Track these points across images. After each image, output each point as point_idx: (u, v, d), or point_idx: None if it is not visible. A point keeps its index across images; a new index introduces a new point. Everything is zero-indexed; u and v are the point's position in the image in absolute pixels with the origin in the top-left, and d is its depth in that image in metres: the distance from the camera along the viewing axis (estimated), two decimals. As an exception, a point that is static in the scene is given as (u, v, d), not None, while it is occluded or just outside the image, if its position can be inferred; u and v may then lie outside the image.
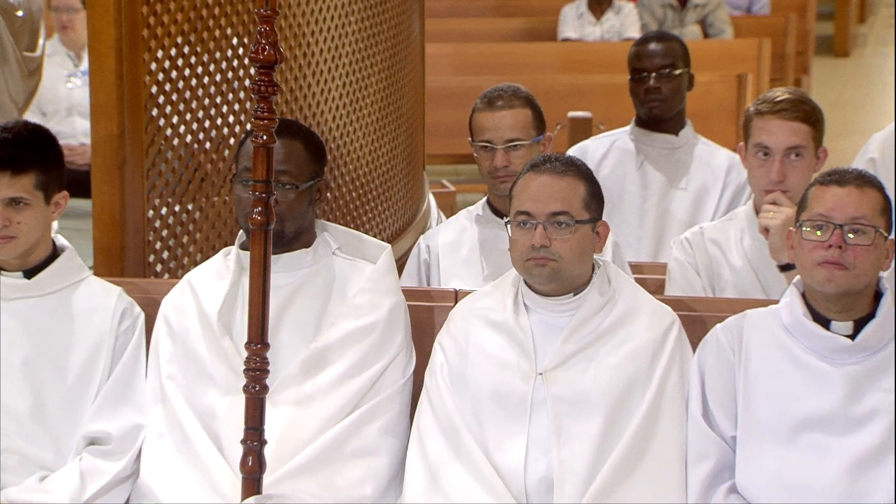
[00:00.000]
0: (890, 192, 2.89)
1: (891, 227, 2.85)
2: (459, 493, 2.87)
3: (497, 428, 2.92)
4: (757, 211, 3.37)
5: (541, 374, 2.92)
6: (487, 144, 3.56)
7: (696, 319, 3.10)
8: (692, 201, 4.20)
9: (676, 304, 3.09)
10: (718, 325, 2.94)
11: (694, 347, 2.97)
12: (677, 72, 4.17)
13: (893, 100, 9.74)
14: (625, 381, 2.90)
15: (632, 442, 2.85)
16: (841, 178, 2.83)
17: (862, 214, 2.79)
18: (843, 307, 2.81)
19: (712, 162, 4.23)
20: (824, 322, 2.82)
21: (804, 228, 2.82)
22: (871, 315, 2.82)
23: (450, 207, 5.34)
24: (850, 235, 2.77)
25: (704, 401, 2.89)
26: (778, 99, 3.32)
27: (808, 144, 3.32)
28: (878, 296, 2.85)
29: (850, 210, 2.79)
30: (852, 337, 2.80)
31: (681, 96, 4.22)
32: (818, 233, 2.79)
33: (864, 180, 2.84)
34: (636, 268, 3.73)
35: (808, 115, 3.32)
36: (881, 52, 11.74)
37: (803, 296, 2.87)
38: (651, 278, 3.62)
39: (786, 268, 3.27)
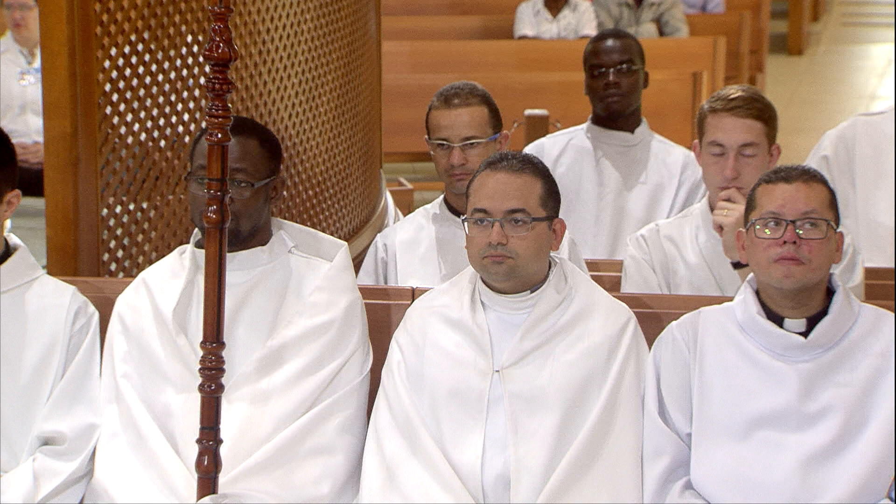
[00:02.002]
0: (839, 187, 2.92)
1: (839, 219, 2.87)
2: (416, 490, 2.87)
3: (454, 425, 2.92)
4: (712, 208, 3.39)
5: (497, 371, 2.93)
6: (444, 142, 3.56)
7: (652, 316, 3.12)
8: (648, 198, 4.22)
9: (632, 301, 3.10)
10: (674, 323, 2.95)
11: (650, 344, 2.98)
12: (635, 67, 4.19)
13: (847, 98, 9.84)
14: (581, 378, 2.91)
15: (588, 439, 2.86)
16: (787, 174, 2.86)
17: (812, 208, 2.81)
18: (797, 303, 2.83)
19: (668, 159, 4.25)
20: (778, 319, 2.84)
21: (756, 227, 2.83)
22: (823, 312, 2.84)
23: (407, 205, 5.34)
24: (803, 230, 2.79)
25: (660, 398, 2.91)
26: (731, 97, 3.34)
27: (761, 142, 3.35)
28: (830, 293, 2.87)
29: (800, 205, 2.81)
30: (805, 334, 2.82)
31: (638, 93, 4.24)
32: (769, 231, 2.81)
33: (809, 175, 2.87)
34: (592, 265, 3.74)
35: (762, 112, 3.34)
36: (834, 51, 11.85)
37: (757, 293, 2.89)
38: (607, 275, 3.64)
39: (740, 265, 3.29)
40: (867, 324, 2.85)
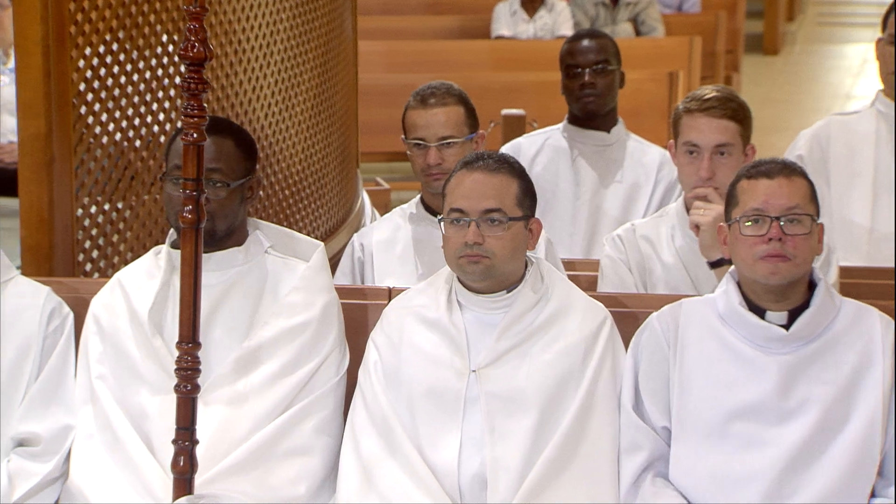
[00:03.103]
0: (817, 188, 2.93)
1: (819, 210, 2.88)
2: (393, 490, 2.87)
3: (431, 425, 2.92)
4: (688, 208, 3.40)
5: (474, 371, 2.93)
6: (420, 142, 3.56)
7: (629, 315, 3.13)
8: (624, 198, 4.22)
9: (609, 300, 3.11)
10: (654, 314, 2.95)
11: (626, 343, 2.99)
12: (611, 67, 4.20)
13: (822, 97, 9.88)
14: (557, 378, 2.92)
15: (564, 438, 2.87)
16: (768, 170, 2.86)
17: (795, 204, 2.82)
18: (780, 296, 2.84)
19: (644, 159, 4.26)
20: (759, 312, 2.85)
21: (739, 224, 2.83)
22: (805, 305, 2.84)
23: (384, 205, 5.33)
24: (787, 226, 2.79)
25: (637, 391, 2.91)
26: (706, 97, 3.35)
27: (735, 142, 3.36)
28: (811, 286, 2.87)
29: (783, 201, 2.82)
30: (787, 327, 2.83)
31: (614, 92, 4.25)
32: (753, 228, 2.81)
33: (790, 170, 2.87)
34: (569, 265, 3.74)
35: (736, 112, 3.35)
36: (810, 50, 11.90)
37: (738, 284, 2.88)
38: (584, 275, 3.64)
39: (716, 264, 3.30)
40: (848, 318, 2.85)
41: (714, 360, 2.85)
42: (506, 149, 4.33)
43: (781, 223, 2.80)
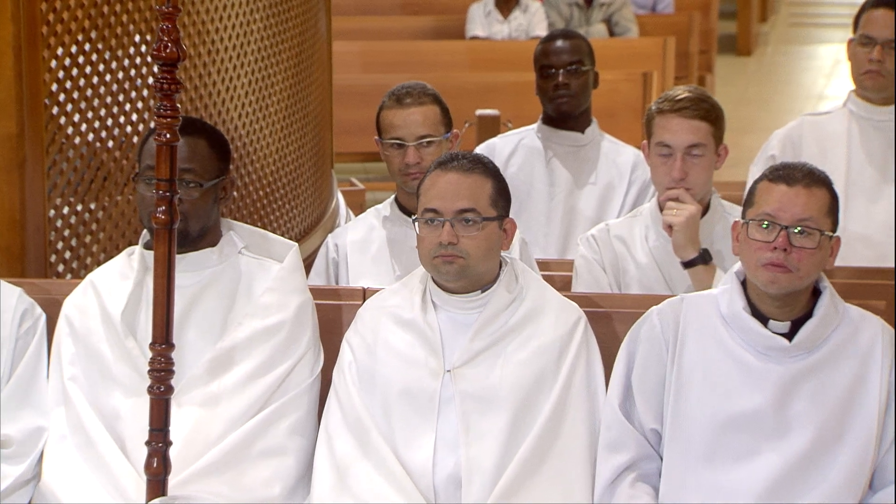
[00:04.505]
0: None
1: (836, 224, 2.81)
2: (368, 491, 2.87)
3: (405, 426, 2.92)
4: (661, 208, 3.41)
5: (449, 371, 2.93)
6: (398, 142, 3.56)
7: (603, 315, 3.13)
8: (598, 198, 4.23)
9: (583, 300, 3.11)
10: (654, 310, 2.88)
11: (600, 343, 2.99)
12: (585, 68, 4.20)
13: (795, 98, 9.93)
14: (532, 378, 2.92)
15: (538, 438, 2.87)
16: (789, 175, 2.78)
17: (809, 216, 2.75)
18: (782, 304, 2.78)
19: (618, 159, 4.26)
20: (762, 318, 2.79)
21: (750, 226, 2.77)
22: (808, 314, 2.79)
23: (359, 206, 5.33)
24: (795, 237, 2.72)
25: (628, 389, 2.86)
26: (678, 97, 3.36)
27: (708, 142, 3.36)
28: (816, 293, 2.82)
29: (797, 211, 2.74)
30: (790, 335, 2.77)
31: (588, 93, 4.25)
32: (762, 232, 2.74)
33: (812, 178, 2.79)
34: (543, 265, 3.75)
35: (708, 113, 3.36)
36: (783, 51, 11.96)
37: (743, 284, 2.83)
38: (558, 275, 3.65)
39: (689, 264, 3.31)
40: (851, 327, 2.80)
41: (713, 364, 2.79)
42: (480, 149, 4.33)
43: (791, 233, 2.73)
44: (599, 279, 3.46)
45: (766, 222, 2.76)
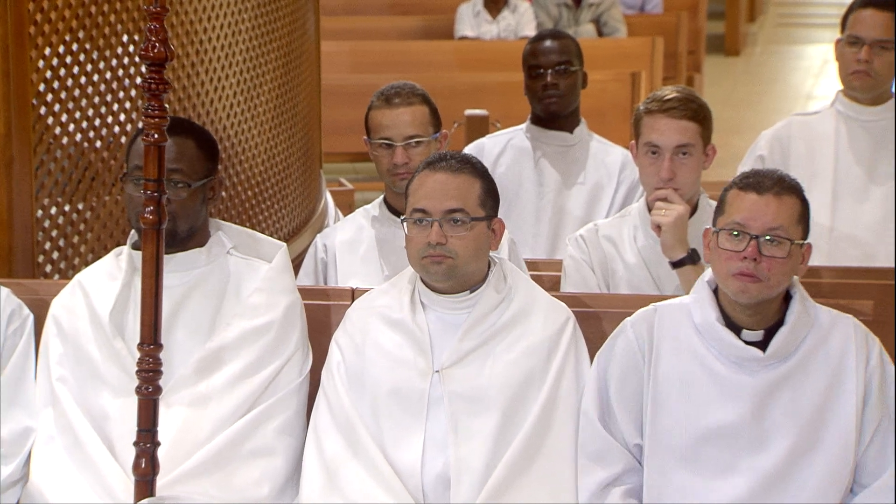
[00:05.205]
0: None
1: (807, 232, 2.79)
2: (357, 491, 2.87)
3: (394, 426, 2.92)
4: (649, 208, 3.41)
5: (438, 371, 2.93)
6: (387, 142, 3.56)
7: (591, 315, 3.14)
8: (587, 198, 4.23)
9: (572, 300, 3.12)
10: (628, 321, 2.88)
11: (589, 343, 2.99)
12: (573, 68, 4.21)
13: (783, 98, 9.95)
14: (521, 378, 2.92)
15: (527, 439, 2.87)
16: (759, 183, 2.76)
17: (778, 225, 2.73)
18: (754, 312, 2.77)
19: (606, 159, 4.27)
20: (735, 327, 2.78)
21: (719, 235, 2.75)
22: (781, 321, 2.78)
23: (348, 206, 5.33)
24: (765, 247, 2.71)
25: (607, 405, 2.84)
26: (666, 98, 3.36)
27: (696, 143, 3.37)
28: (787, 297, 2.81)
29: (767, 220, 2.73)
30: (763, 344, 2.76)
31: (577, 93, 4.26)
32: (732, 242, 2.72)
33: (782, 186, 2.77)
34: (532, 265, 3.75)
35: (696, 113, 3.36)
36: (771, 51, 11.98)
37: (715, 293, 2.82)
38: (547, 275, 3.65)
39: (677, 264, 3.31)
40: (823, 329, 2.79)
41: (688, 376, 2.78)
42: (469, 149, 4.34)
43: (761, 242, 2.71)
44: (588, 279, 3.46)
45: (735, 231, 2.74)
